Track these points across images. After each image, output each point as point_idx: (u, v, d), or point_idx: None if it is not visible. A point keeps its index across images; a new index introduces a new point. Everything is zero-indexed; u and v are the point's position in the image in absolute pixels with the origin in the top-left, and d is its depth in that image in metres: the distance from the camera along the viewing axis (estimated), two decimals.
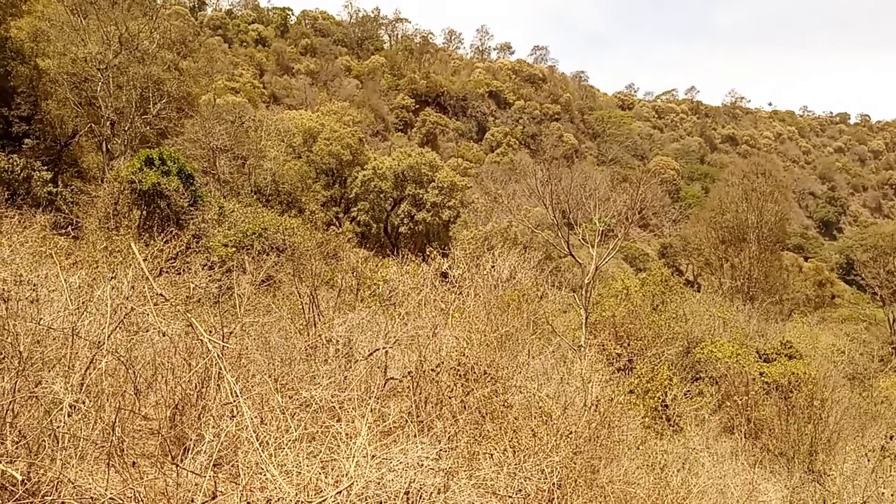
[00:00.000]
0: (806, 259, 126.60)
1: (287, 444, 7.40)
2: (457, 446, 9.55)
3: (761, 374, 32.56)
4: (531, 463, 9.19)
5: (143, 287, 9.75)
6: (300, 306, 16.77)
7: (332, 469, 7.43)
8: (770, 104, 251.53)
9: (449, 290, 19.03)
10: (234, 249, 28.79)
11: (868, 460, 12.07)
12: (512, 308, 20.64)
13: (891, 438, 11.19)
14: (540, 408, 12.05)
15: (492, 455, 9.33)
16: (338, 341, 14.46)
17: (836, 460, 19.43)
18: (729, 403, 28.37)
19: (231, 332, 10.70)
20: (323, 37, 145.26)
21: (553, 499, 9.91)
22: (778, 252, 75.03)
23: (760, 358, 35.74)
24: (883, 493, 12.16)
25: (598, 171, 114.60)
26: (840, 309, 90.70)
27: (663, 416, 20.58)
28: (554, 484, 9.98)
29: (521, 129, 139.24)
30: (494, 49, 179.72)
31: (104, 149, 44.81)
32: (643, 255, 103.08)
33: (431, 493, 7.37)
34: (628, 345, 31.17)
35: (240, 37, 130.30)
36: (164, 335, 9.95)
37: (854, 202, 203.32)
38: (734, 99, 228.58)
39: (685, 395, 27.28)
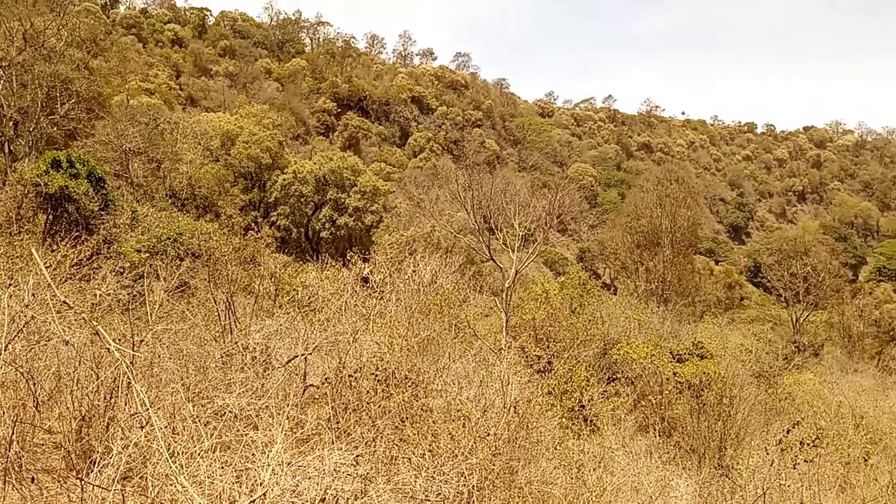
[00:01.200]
0: (717, 262, 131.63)
1: (199, 454, 7.21)
2: (376, 451, 9.51)
3: (675, 373, 33.54)
4: (450, 466, 9.23)
5: (46, 295, 9.34)
6: (216, 313, 16.39)
7: (247, 478, 7.28)
8: (683, 113, 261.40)
9: (370, 295, 18.94)
10: (147, 255, 27.89)
11: (767, 453, 12.65)
12: (433, 312, 20.70)
13: (787, 433, 11.77)
14: (459, 411, 12.12)
15: (410, 459, 9.32)
16: (255, 348, 14.19)
17: (743, 454, 20.27)
18: (644, 403, 29.13)
19: (142, 341, 10.36)
20: (242, 38, 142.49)
21: (472, 500, 9.99)
22: (690, 256, 77.68)
23: (674, 358, 36.82)
24: (782, 485, 12.76)
25: (519, 177, 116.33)
26: (748, 310, 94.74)
27: (580, 416, 21.01)
28: (473, 486, 10.05)
29: (444, 134, 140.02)
30: (417, 55, 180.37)
31: (6, 150, 42.70)
32: (562, 260, 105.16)
33: (349, 499, 7.32)
34: (548, 347, 31.65)
35: (155, 36, 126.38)
36: (67, 344, 9.54)
37: (761, 208, 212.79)
38: (649, 108, 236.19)
39: (602, 395, 27.91)
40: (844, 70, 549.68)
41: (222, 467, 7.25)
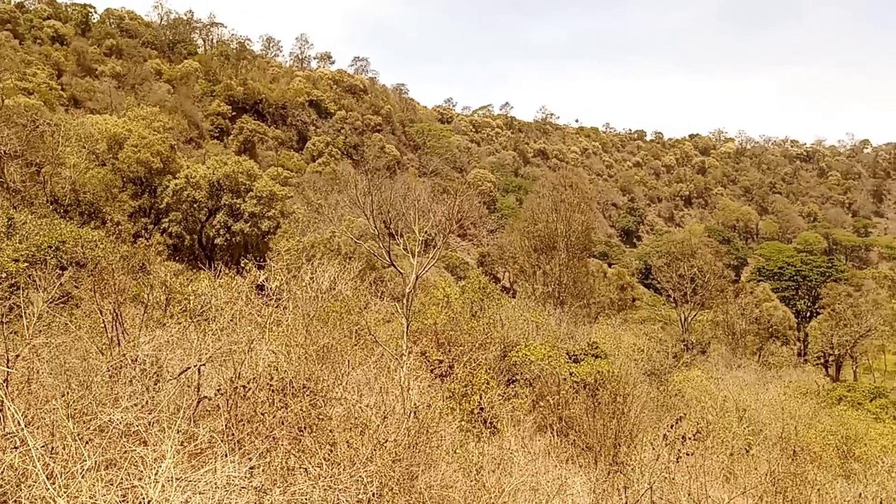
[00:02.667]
0: (610, 265, 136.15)
1: (81, 474, 6.84)
2: (272, 462, 9.28)
3: (571, 374, 34.36)
4: (348, 474, 9.13)
5: None
6: (102, 324, 15.61)
7: (134, 496, 6.95)
8: (577, 121, 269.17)
9: (266, 302, 18.50)
10: (25, 265, 26.26)
11: (654, 448, 13.17)
12: (332, 319, 20.44)
13: (671, 428, 12.29)
14: (358, 418, 12.01)
15: (307, 469, 9.16)
16: (144, 360, 13.60)
17: (635, 450, 20.99)
18: (542, 403, 29.67)
19: (17, 356, 9.74)
20: (130, 38, 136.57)
21: None
22: (585, 259, 79.96)
23: (570, 359, 37.74)
24: (671, 478, 13.31)
25: (419, 182, 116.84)
26: (640, 311, 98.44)
27: (481, 418, 21.22)
28: (373, 493, 9.97)
29: (343, 139, 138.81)
30: (314, 58, 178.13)
31: None
32: (463, 264, 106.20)
33: None
34: (449, 351, 31.81)
35: (33, 33, 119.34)
36: None
37: (651, 212, 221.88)
38: (545, 115, 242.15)
39: (502, 397, 28.33)
40: (726, 81, 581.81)
41: (106, 486, 6.89)
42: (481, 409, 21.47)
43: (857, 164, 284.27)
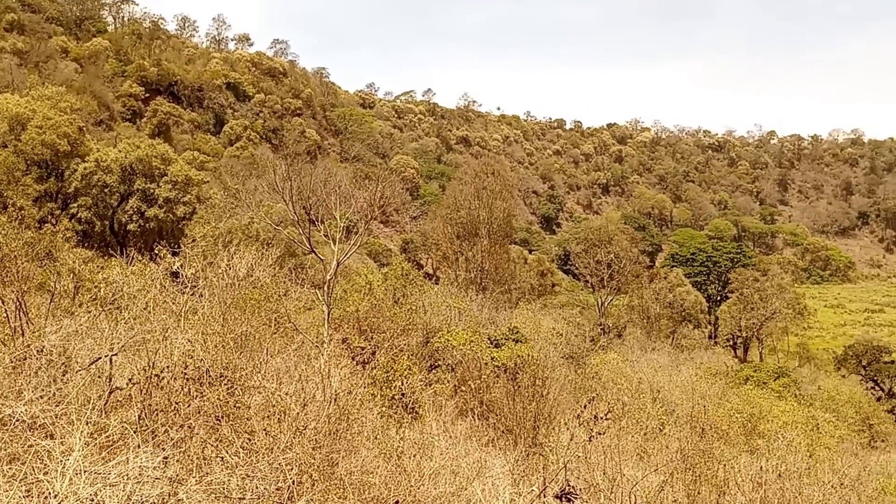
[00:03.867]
0: (530, 251, 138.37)
1: None
2: (187, 452, 9.08)
3: (492, 358, 34.83)
4: (266, 462, 9.02)
5: None
6: (4, 314, 14.88)
7: (39, 491, 6.68)
8: (498, 109, 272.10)
9: (181, 290, 18.02)
10: None
11: (568, 429, 13.54)
12: (251, 307, 20.09)
13: (584, 408, 12.65)
14: (278, 406, 11.87)
15: (223, 458, 9.00)
16: (51, 351, 13.04)
17: (554, 432, 21.48)
18: (464, 388, 29.95)
19: None
20: (33, 13, 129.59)
21: (292, 496, 9.82)
22: (506, 245, 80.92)
23: (492, 344, 38.23)
24: (587, 457, 13.71)
25: (341, 168, 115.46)
26: (559, 296, 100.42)
27: (402, 404, 21.29)
28: (293, 481, 9.88)
29: (262, 122, 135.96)
30: (232, 40, 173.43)
31: None
32: (386, 251, 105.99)
33: (156, 502, 6.93)
34: (371, 338, 31.74)
35: None
36: None
37: (570, 200, 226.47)
38: (467, 102, 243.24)
39: (424, 383, 28.48)
40: (643, 72, 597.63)
41: (9, 481, 6.60)
42: (402, 394, 21.54)
43: (764, 154, 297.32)
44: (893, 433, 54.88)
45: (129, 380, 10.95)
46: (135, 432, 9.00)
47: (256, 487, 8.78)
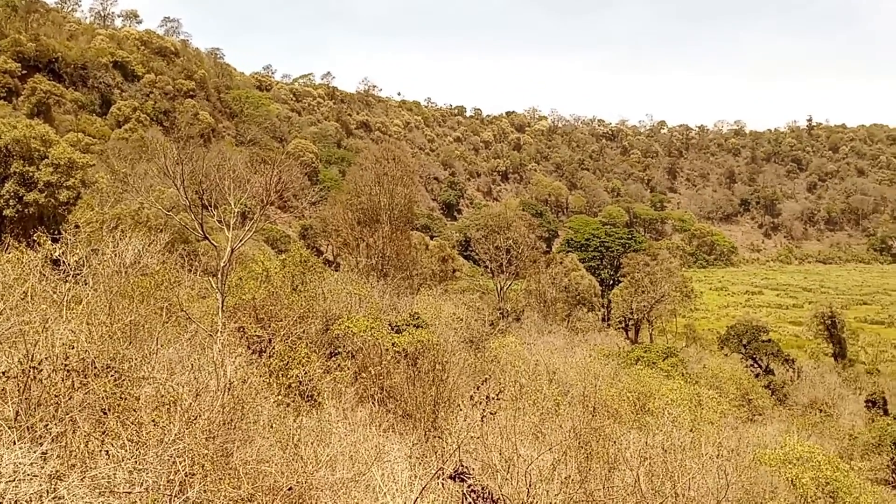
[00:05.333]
0: (432, 238, 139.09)
1: None
2: (69, 447, 8.67)
3: (393, 344, 34.88)
4: (154, 454, 8.72)
5: None
6: None
7: None
8: (399, 94, 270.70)
9: (63, 279, 17.11)
10: None
11: (463, 411, 13.78)
12: (140, 295, 19.31)
13: (476, 390, 12.89)
14: (168, 397, 11.49)
15: (108, 452, 8.65)
16: None
17: (453, 415, 21.78)
18: (364, 374, 29.91)
19: None
20: None
21: (184, 487, 9.56)
22: (407, 232, 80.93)
23: (393, 329, 38.26)
24: (483, 438, 14.00)
25: (236, 151, 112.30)
26: (460, 281, 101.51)
27: (300, 392, 21.05)
28: (185, 472, 9.62)
29: (153, 104, 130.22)
30: (119, 16, 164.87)
31: None
32: (284, 237, 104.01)
33: (33, 500, 6.59)
34: (269, 326, 31.17)
35: None
36: None
37: (470, 186, 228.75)
38: (367, 87, 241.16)
39: (324, 370, 28.23)
40: (540, 61, 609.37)
41: None
42: (300, 382, 21.29)
43: (655, 143, 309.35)
44: (770, 407, 58.59)
45: (3, 373, 10.34)
46: (9, 428, 8.51)
47: (145, 480, 8.48)
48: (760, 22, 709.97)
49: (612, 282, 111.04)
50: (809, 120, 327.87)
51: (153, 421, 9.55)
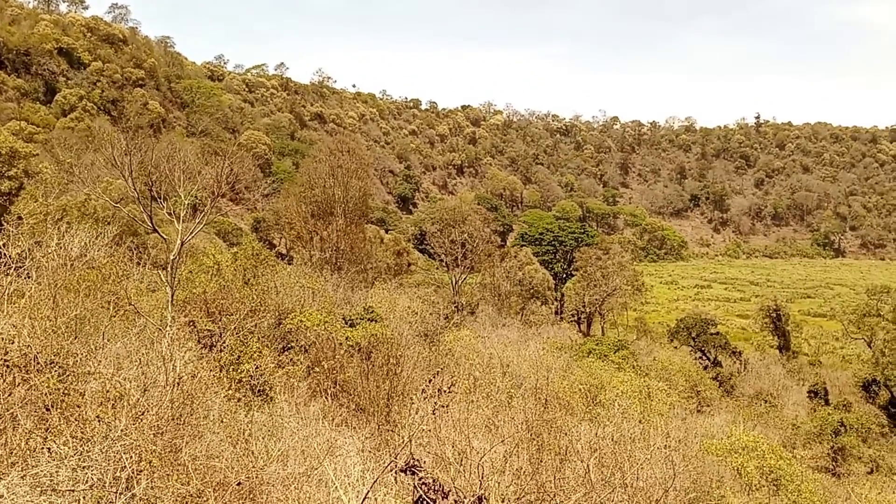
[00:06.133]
0: (387, 231, 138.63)
1: None
2: (7, 444, 8.43)
3: (347, 338, 34.77)
4: (99, 450, 8.54)
5: None
6: None
7: None
8: (354, 86, 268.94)
9: (4, 272, 16.60)
10: None
11: (414, 404, 13.81)
12: (86, 289, 18.84)
13: (429, 382, 12.93)
14: (115, 392, 11.26)
15: (50, 449, 8.44)
16: None
17: (406, 409, 21.80)
18: (317, 369, 29.74)
19: None
20: None
21: (131, 484, 9.39)
22: (362, 225, 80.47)
23: (346, 323, 38.14)
24: (435, 431, 14.05)
25: (187, 142, 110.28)
26: (415, 275, 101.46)
27: (252, 387, 20.84)
28: (133, 469, 9.44)
29: (100, 93, 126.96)
30: (64, 1, 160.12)
31: None
32: (236, 230, 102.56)
33: None
34: (220, 320, 30.78)
35: None
36: None
37: (426, 180, 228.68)
38: (322, 78, 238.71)
39: (276, 364, 27.98)
40: (497, 56, 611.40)
41: None
42: (251, 377, 21.06)
43: (607, 138, 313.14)
44: (717, 398, 59.98)
45: None
46: None
47: (89, 478, 8.30)
48: (711, 21, 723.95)
49: (565, 275, 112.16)
50: (757, 117, 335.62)
51: (97, 417, 9.33)
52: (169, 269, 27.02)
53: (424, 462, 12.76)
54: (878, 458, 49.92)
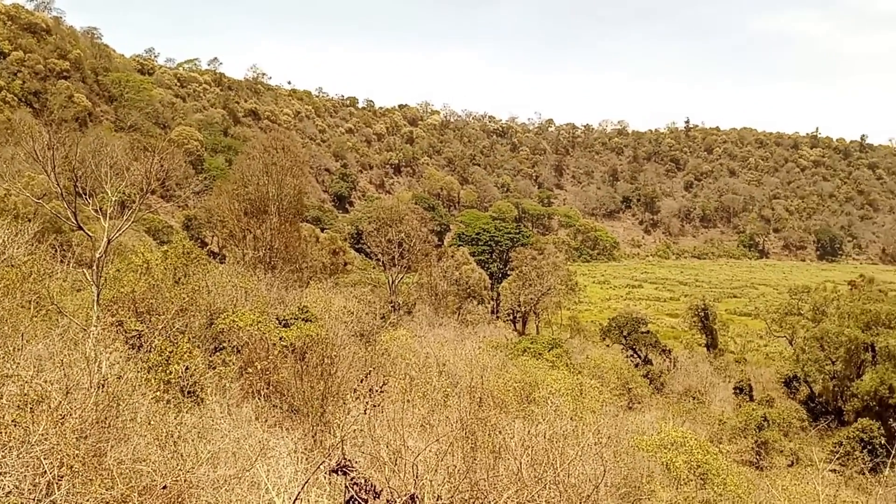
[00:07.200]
0: (322, 230, 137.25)
1: None
2: None
3: (281, 338, 34.29)
4: (16, 456, 8.20)
5: None
6: None
7: None
8: (289, 83, 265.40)
9: None
10: None
11: (345, 404, 13.73)
12: (5, 288, 18.05)
13: (360, 382, 12.88)
14: (27, 395, 10.82)
15: None
16: None
17: (341, 409, 21.62)
18: (250, 369, 29.23)
19: None
20: None
21: (51, 490, 9.04)
22: (297, 223, 79.38)
23: (280, 323, 37.61)
24: (369, 431, 13.99)
25: (115, 137, 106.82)
26: (351, 274, 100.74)
27: (181, 388, 20.34)
28: (54, 475, 9.10)
29: (21, 84, 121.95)
30: None
31: None
32: (167, 228, 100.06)
33: None
34: (149, 320, 30.01)
35: None
36: None
37: (363, 179, 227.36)
38: (256, 75, 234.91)
39: (208, 365, 27.39)
40: (436, 55, 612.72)
41: None
42: (181, 378, 20.56)
43: (543, 140, 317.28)
44: (648, 395, 61.46)
45: None
46: None
47: (6, 484, 7.95)
48: (642, 25, 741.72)
49: (501, 275, 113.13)
50: (687, 122, 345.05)
51: (14, 422, 8.95)
52: (95, 267, 26.15)
53: (357, 462, 12.68)
54: (797, 451, 52.00)
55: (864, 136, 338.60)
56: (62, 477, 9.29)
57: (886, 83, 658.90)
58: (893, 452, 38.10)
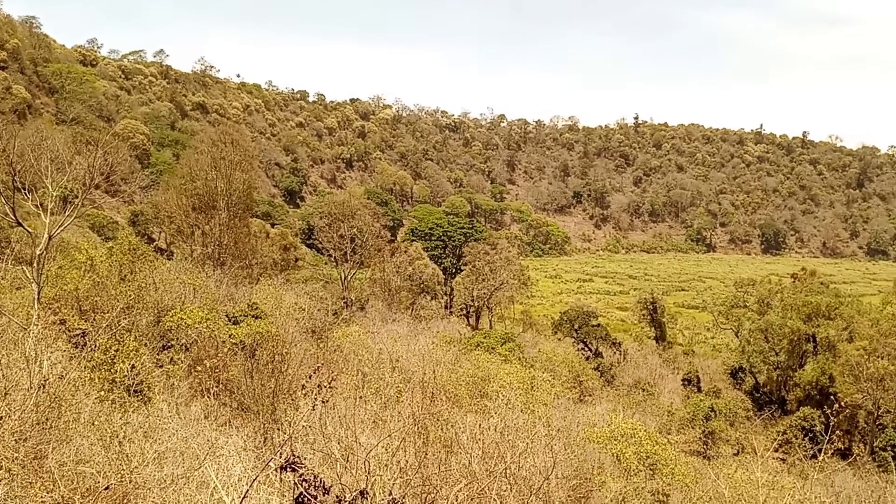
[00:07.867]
0: (273, 225, 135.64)
1: None
2: None
3: (230, 336, 33.86)
4: None
5: None
6: None
7: None
8: (238, 76, 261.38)
9: None
10: None
11: (294, 401, 13.64)
12: None
13: (309, 378, 12.80)
14: None
15: None
16: None
17: (292, 406, 21.42)
18: (199, 367, 28.80)
19: None
20: None
21: None
22: (246, 219, 78.15)
23: (230, 321, 37.14)
24: (320, 428, 13.91)
25: (57, 130, 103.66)
26: (302, 270, 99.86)
27: (127, 387, 19.90)
28: None
29: None
30: None
31: None
32: (112, 224, 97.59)
33: None
34: (94, 318, 29.33)
35: None
36: None
37: (314, 173, 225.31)
38: (204, 67, 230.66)
39: (155, 364, 26.88)
40: (387, 50, 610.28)
41: None
42: (126, 377, 20.12)
43: (495, 136, 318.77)
44: (599, 388, 62.37)
45: None
46: None
47: None
48: (592, 23, 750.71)
49: (454, 270, 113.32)
50: (636, 118, 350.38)
51: None
52: (35, 264, 25.40)
53: (308, 459, 12.58)
54: (743, 441, 53.44)
55: (805, 132, 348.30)
56: (0, 480, 9.01)
57: (827, 81, 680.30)
58: (827, 438, 39.49)
